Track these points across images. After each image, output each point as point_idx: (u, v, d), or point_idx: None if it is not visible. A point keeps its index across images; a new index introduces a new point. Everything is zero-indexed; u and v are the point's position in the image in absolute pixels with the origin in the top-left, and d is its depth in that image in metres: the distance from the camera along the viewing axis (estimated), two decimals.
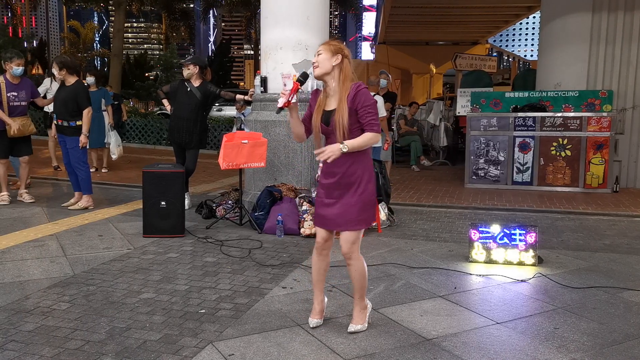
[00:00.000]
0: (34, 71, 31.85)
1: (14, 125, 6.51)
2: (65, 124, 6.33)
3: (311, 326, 3.22)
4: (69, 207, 6.51)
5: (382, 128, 7.61)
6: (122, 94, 19.44)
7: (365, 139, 2.93)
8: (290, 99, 2.94)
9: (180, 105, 6.49)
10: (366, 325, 3.22)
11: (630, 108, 8.62)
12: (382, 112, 7.47)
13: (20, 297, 3.69)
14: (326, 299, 3.38)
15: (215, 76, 31.89)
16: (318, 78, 3.01)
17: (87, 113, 6.34)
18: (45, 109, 9.12)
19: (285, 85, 2.85)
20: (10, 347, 2.94)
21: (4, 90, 6.53)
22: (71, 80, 6.38)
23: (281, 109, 2.97)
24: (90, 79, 9.27)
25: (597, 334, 3.20)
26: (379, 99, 7.52)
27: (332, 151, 2.86)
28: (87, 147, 6.58)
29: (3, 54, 6.78)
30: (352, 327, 3.18)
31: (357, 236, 3.06)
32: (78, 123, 6.36)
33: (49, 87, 9.22)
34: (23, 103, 6.70)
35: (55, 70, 6.41)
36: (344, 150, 2.87)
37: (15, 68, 6.56)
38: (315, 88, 3.20)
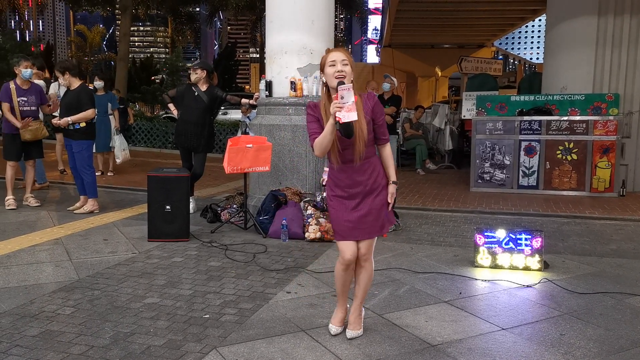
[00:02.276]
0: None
1: (21, 124, 6.58)
2: (71, 127, 6.36)
3: (332, 333, 3.19)
4: (74, 211, 6.53)
5: None
6: (127, 97, 19.49)
7: (392, 160, 3.15)
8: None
9: (188, 109, 6.51)
10: (362, 331, 3.21)
11: (636, 111, 8.57)
12: None
13: (25, 301, 3.69)
14: (348, 305, 3.33)
15: (221, 79, 31.98)
16: (335, 88, 2.87)
17: (87, 112, 6.33)
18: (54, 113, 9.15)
19: (342, 97, 2.68)
20: (14, 352, 2.94)
21: (14, 95, 6.60)
22: (75, 84, 6.41)
23: (341, 124, 2.74)
24: (98, 83, 9.31)
25: (603, 340, 3.18)
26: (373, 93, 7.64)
27: (394, 194, 3.07)
28: (94, 150, 6.61)
29: (11, 61, 6.83)
30: (351, 333, 3.17)
31: (375, 239, 3.15)
32: (82, 125, 6.38)
33: (57, 91, 9.25)
34: (33, 108, 6.77)
35: (59, 77, 6.45)
36: (396, 184, 3.11)
37: (24, 71, 6.63)
38: (307, 99, 3.17)
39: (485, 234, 4.53)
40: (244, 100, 6.89)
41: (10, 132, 6.74)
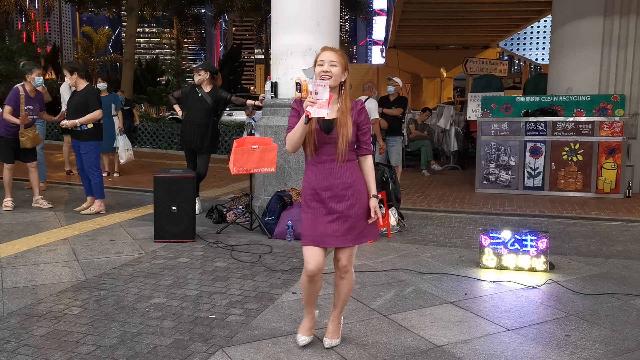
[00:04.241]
0: (47, 76, 32.20)
1: (20, 120, 6.62)
2: (78, 128, 6.39)
3: (300, 344, 3.03)
4: (81, 212, 6.57)
5: (374, 131, 7.63)
6: (134, 98, 19.57)
7: (374, 173, 3.00)
8: (328, 110, 2.69)
9: (192, 110, 6.54)
10: (340, 339, 3.11)
11: None
12: (374, 114, 7.48)
13: (32, 301, 3.72)
14: (317, 312, 3.22)
15: (226, 81, 32.07)
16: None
17: (94, 113, 6.36)
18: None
19: (317, 93, 2.63)
20: (22, 351, 2.97)
21: (22, 103, 6.64)
22: (82, 85, 6.44)
23: (309, 119, 2.70)
24: (102, 85, 9.35)
25: (609, 341, 3.18)
26: (373, 102, 7.58)
27: (377, 210, 2.90)
28: (100, 152, 6.64)
29: (21, 67, 6.86)
30: (328, 342, 3.05)
31: (356, 248, 2.99)
32: (89, 126, 6.41)
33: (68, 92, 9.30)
34: (35, 116, 6.84)
35: (66, 77, 6.47)
36: (377, 198, 2.94)
37: (37, 78, 6.70)
38: (298, 97, 3.16)
39: (491, 235, 4.53)
40: (249, 102, 6.92)
41: (4, 135, 6.73)
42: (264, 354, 2.97)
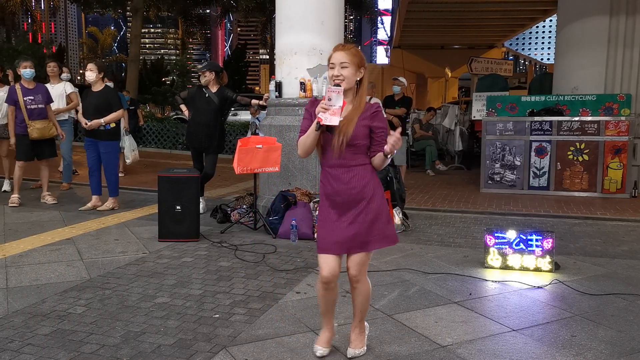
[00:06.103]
0: None
1: (13, 140, 6.86)
2: (102, 127, 6.46)
3: (318, 355, 2.91)
4: (97, 209, 6.63)
5: None
6: (139, 98, 19.61)
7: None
8: (341, 117, 2.60)
9: (199, 111, 6.55)
10: (365, 348, 2.99)
11: None
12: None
13: (37, 300, 3.73)
14: (335, 324, 3.14)
15: (231, 81, 32.12)
16: None
17: (118, 112, 6.51)
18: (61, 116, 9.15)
19: (330, 99, 2.54)
20: (26, 350, 2.97)
21: (20, 95, 6.74)
22: (100, 86, 6.56)
23: (324, 125, 2.60)
24: (109, 84, 9.37)
25: (615, 342, 3.15)
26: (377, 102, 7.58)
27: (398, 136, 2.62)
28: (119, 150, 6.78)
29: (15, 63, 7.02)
30: (351, 352, 2.93)
31: (368, 257, 2.84)
32: (112, 126, 6.49)
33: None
34: (41, 105, 6.90)
35: (93, 72, 6.45)
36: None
37: (23, 71, 6.83)
38: (314, 97, 3.05)
39: (496, 234, 4.51)
40: (254, 101, 6.92)
41: (19, 133, 6.89)
42: (267, 353, 2.97)
